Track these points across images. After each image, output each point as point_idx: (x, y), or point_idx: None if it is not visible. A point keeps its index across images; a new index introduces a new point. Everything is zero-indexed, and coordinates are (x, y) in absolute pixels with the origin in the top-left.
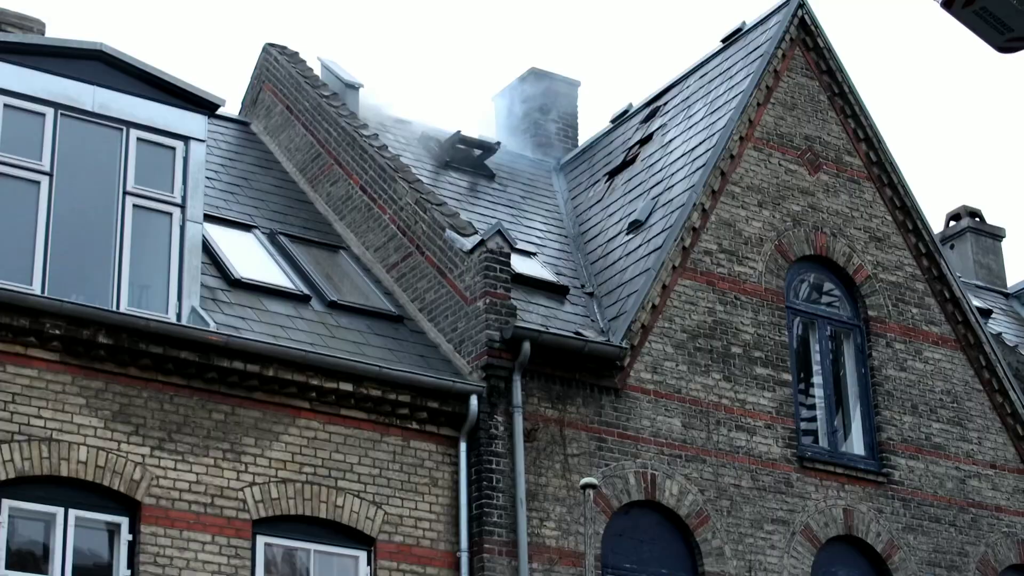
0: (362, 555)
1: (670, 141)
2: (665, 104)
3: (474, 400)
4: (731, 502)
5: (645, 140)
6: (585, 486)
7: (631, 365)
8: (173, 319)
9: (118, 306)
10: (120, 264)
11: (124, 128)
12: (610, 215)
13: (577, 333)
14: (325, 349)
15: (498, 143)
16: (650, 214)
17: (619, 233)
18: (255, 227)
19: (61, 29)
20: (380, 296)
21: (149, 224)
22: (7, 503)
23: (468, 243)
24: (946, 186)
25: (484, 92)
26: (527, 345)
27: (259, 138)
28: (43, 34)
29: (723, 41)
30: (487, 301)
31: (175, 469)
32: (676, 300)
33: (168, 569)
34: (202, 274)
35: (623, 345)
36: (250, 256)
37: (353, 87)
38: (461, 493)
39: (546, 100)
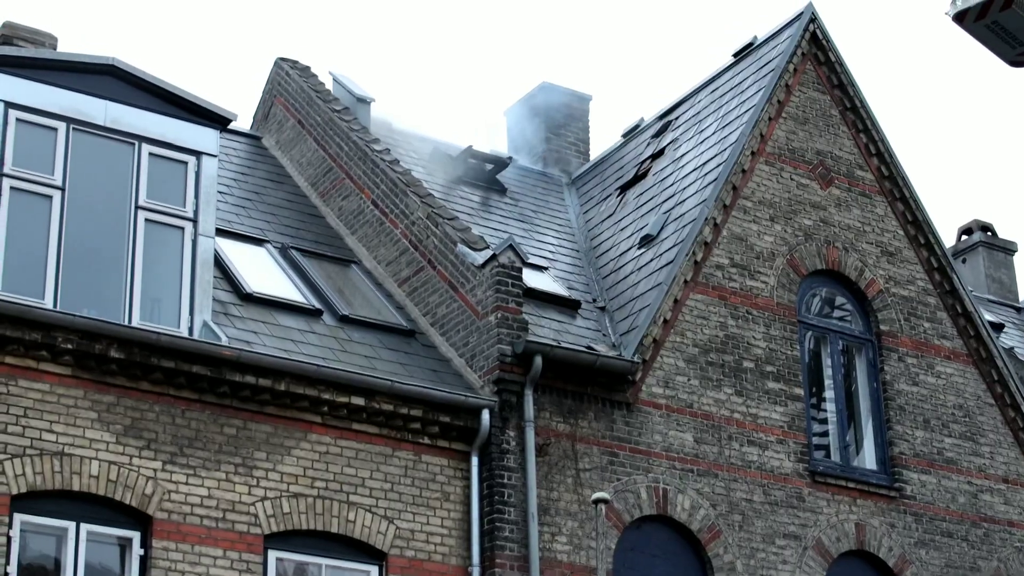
0: (374, 570)
1: (682, 155)
2: (677, 118)
3: (486, 415)
4: (743, 517)
5: (657, 154)
6: (597, 501)
7: (643, 379)
8: (185, 333)
9: (130, 320)
10: (132, 278)
11: (136, 142)
12: (622, 229)
13: (589, 347)
14: (337, 363)
15: (510, 157)
16: (662, 228)
17: (631, 247)
18: (267, 241)
19: (73, 44)
20: (392, 310)
21: (161, 238)
22: (19, 517)
23: (480, 257)
24: (958, 200)
25: (496, 106)
26: (539, 359)
27: (271, 152)
28: (55, 49)
29: (735, 55)
30: (499, 315)
31: (187, 483)
32: (688, 314)
33: None
34: (214, 288)
35: (635, 359)
36: (262, 270)
37: (365, 101)
38: (473, 508)
39: (558, 114)
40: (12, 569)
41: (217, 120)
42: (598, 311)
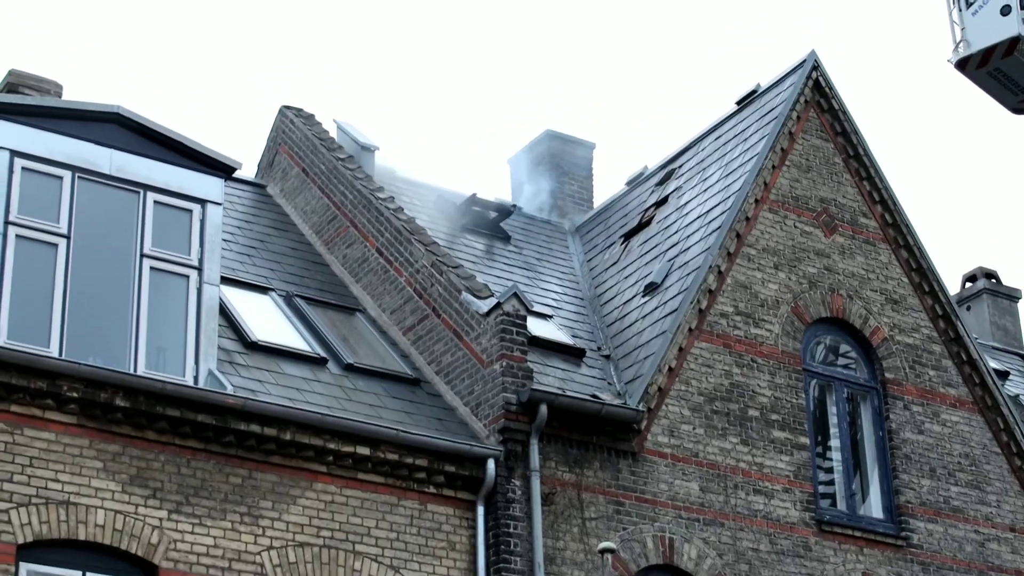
0: None
1: (686, 203)
2: (680, 166)
3: (491, 464)
4: (750, 566)
5: (661, 202)
6: (603, 550)
7: (648, 428)
8: (190, 382)
9: (135, 369)
10: (137, 327)
11: (141, 191)
12: (626, 277)
13: (594, 396)
14: (342, 412)
15: (514, 205)
16: (666, 276)
17: (635, 295)
18: (272, 289)
19: (78, 91)
20: (397, 359)
21: (166, 286)
22: (25, 567)
23: (484, 306)
24: (962, 247)
25: (500, 154)
26: (544, 408)
27: (275, 200)
28: (60, 97)
29: (738, 103)
30: (503, 364)
31: (192, 533)
32: (693, 363)
33: None
34: (219, 337)
35: (640, 408)
36: (267, 319)
37: (369, 149)
38: (479, 557)
39: (562, 162)
40: None
41: (222, 168)
42: (603, 359)
